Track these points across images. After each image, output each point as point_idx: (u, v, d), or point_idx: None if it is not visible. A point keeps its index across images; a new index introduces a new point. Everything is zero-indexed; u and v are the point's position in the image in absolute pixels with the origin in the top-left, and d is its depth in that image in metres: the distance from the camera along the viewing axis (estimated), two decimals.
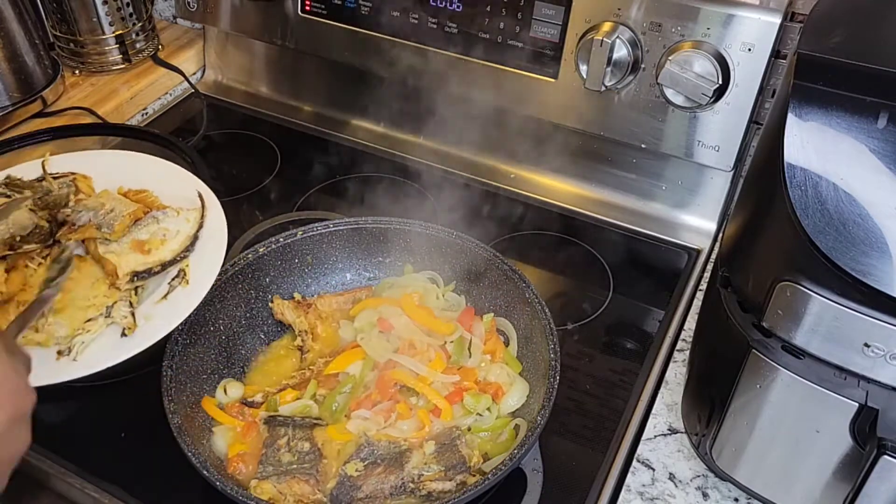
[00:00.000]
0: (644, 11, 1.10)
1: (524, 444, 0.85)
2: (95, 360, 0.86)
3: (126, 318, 0.89)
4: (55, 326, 0.88)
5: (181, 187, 1.06)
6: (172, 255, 0.95)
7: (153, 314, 0.91)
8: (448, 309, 1.07)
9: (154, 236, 0.97)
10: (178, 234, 0.97)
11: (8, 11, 1.35)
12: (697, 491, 0.89)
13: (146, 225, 0.97)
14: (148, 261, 0.94)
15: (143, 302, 0.93)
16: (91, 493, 0.89)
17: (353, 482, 0.87)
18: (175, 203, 1.02)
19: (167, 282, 0.94)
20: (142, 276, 0.93)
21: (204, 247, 0.97)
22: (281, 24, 1.41)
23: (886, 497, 0.68)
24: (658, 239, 1.26)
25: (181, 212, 1.00)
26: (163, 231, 0.97)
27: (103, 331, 0.89)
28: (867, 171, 0.62)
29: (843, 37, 0.68)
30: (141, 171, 1.09)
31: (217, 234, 0.99)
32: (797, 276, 0.65)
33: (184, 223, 0.99)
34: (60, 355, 0.86)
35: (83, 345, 0.87)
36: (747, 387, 0.75)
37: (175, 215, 0.99)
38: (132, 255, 0.94)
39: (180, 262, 0.96)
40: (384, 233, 1.10)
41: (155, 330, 0.89)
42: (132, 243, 0.95)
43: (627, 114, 1.19)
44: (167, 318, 0.90)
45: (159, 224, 0.98)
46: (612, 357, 1.07)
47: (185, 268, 0.95)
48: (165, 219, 0.98)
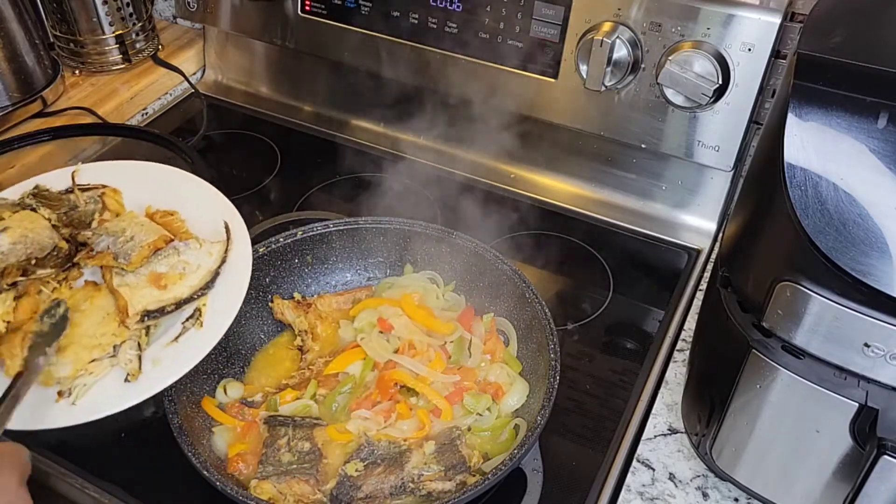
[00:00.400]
0: (644, 11, 1.10)
1: (524, 444, 0.85)
2: (95, 407, 0.81)
3: (131, 363, 0.84)
4: (58, 366, 0.82)
5: (211, 211, 0.98)
6: (190, 291, 0.88)
7: (162, 358, 0.85)
8: (448, 309, 1.07)
9: (173, 269, 0.90)
10: (199, 268, 0.90)
11: (8, 11, 1.35)
12: (697, 491, 0.89)
13: (166, 256, 0.90)
14: (163, 298, 0.87)
15: (154, 343, 0.87)
16: (91, 493, 0.89)
17: (353, 482, 0.87)
18: (202, 229, 0.95)
19: (181, 321, 0.87)
20: (153, 316, 0.86)
21: (224, 284, 0.90)
22: (281, 24, 1.41)
23: (886, 497, 0.68)
24: (658, 239, 1.26)
25: (204, 244, 0.92)
26: (183, 264, 0.90)
27: (107, 373, 0.84)
28: (867, 171, 0.62)
29: (843, 37, 0.68)
30: (172, 188, 1.02)
31: (240, 272, 0.91)
32: (797, 276, 0.65)
33: (206, 257, 0.91)
34: (60, 396, 0.81)
35: (84, 387, 0.82)
36: (747, 387, 0.75)
37: (198, 247, 0.91)
38: (147, 289, 0.88)
39: (197, 300, 0.88)
40: (384, 233, 1.10)
41: (161, 377, 0.83)
42: (149, 276, 0.89)
43: (627, 114, 1.19)
44: (176, 364, 0.84)
45: (180, 256, 0.90)
46: (612, 357, 1.07)
47: (201, 307, 0.88)
48: (187, 251, 0.91)
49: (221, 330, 0.86)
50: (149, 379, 0.83)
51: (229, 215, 0.97)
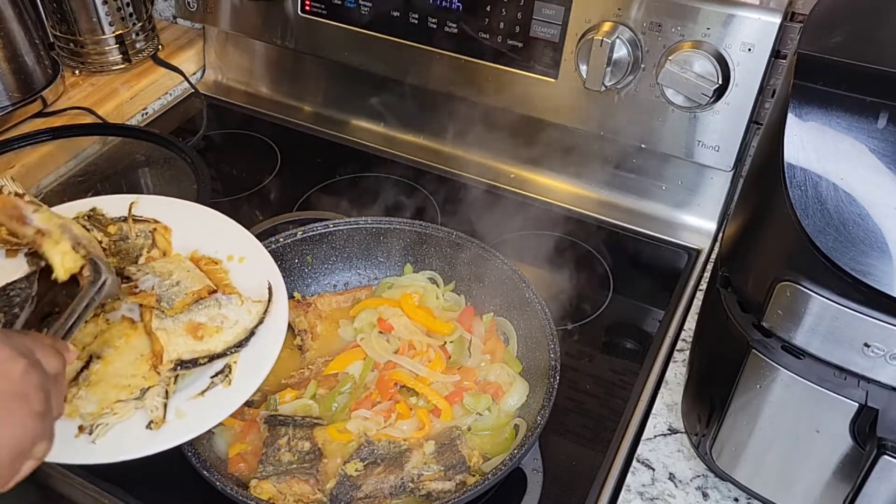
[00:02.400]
0: (644, 11, 1.10)
1: (524, 444, 0.85)
2: (114, 450, 0.80)
3: (156, 411, 0.82)
4: (84, 402, 0.81)
5: (255, 268, 0.97)
6: (224, 346, 0.87)
7: (186, 411, 0.83)
8: (448, 309, 1.07)
9: (211, 321, 0.89)
10: (236, 324, 0.89)
11: (8, 11, 1.35)
12: (697, 491, 0.89)
13: (207, 307, 0.89)
14: (197, 349, 0.86)
15: (179, 392, 0.85)
16: (91, 493, 0.89)
17: (352, 482, 0.87)
18: (242, 283, 0.94)
19: (209, 375, 0.86)
20: (186, 366, 0.85)
21: (257, 345, 0.89)
22: (281, 24, 1.41)
23: (886, 497, 0.68)
24: (658, 239, 1.26)
25: (245, 301, 0.91)
26: (222, 318, 0.89)
27: (131, 416, 0.82)
28: (867, 171, 0.62)
29: (843, 37, 0.68)
30: (223, 237, 1.00)
31: (274, 335, 0.90)
32: (797, 276, 0.65)
33: (245, 314, 0.90)
34: (81, 431, 0.80)
35: (106, 427, 0.80)
36: (747, 387, 0.75)
37: (239, 303, 0.90)
38: (183, 337, 0.87)
39: (229, 356, 0.87)
40: (384, 233, 1.10)
41: (182, 430, 0.81)
42: (187, 325, 0.88)
43: (627, 114, 1.19)
44: (199, 419, 0.82)
45: (220, 309, 0.90)
46: (612, 357, 1.07)
47: (231, 364, 0.87)
48: (228, 305, 0.90)
49: (249, 391, 0.85)
50: (171, 429, 0.81)
51: (273, 275, 0.96)
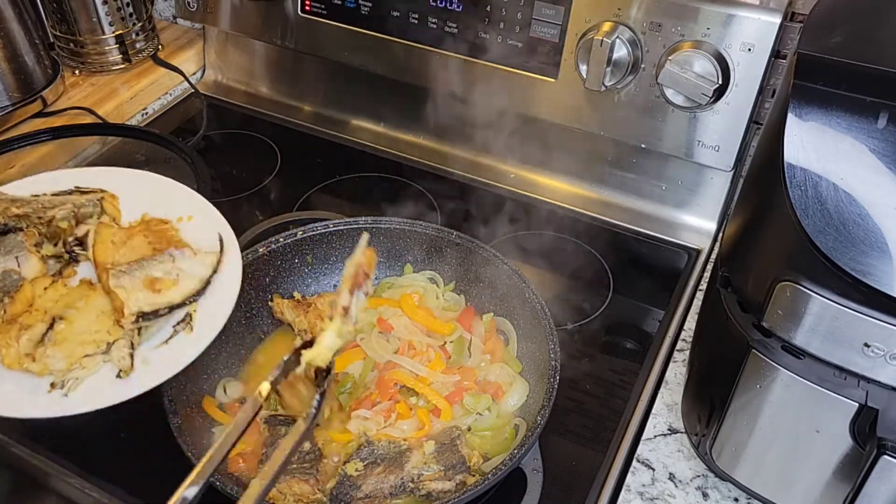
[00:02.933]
0: (644, 11, 1.10)
1: (524, 444, 0.85)
2: (86, 400, 0.83)
3: (124, 360, 0.86)
4: (53, 359, 0.84)
5: (204, 222, 1.01)
6: (182, 297, 0.91)
7: (152, 358, 0.87)
8: (448, 309, 1.07)
9: (167, 275, 0.92)
10: (192, 276, 0.93)
11: (8, 11, 1.35)
12: (697, 491, 0.89)
13: (161, 262, 0.93)
14: (157, 301, 0.90)
15: (145, 343, 0.90)
16: (91, 493, 0.89)
17: (352, 482, 0.87)
18: (194, 238, 0.98)
19: (171, 325, 0.90)
20: (147, 318, 0.89)
21: (214, 293, 0.93)
22: (281, 24, 1.41)
23: (886, 497, 0.68)
24: (658, 239, 1.26)
25: (199, 253, 0.95)
26: (177, 270, 0.93)
27: (99, 368, 0.86)
28: (867, 171, 0.62)
29: (843, 37, 0.68)
30: (168, 198, 1.05)
31: (230, 282, 0.95)
32: (797, 276, 0.65)
33: (199, 266, 0.94)
34: (53, 387, 0.84)
35: (77, 381, 0.84)
36: (747, 387, 0.75)
37: (192, 256, 0.95)
38: (142, 292, 0.90)
39: (188, 305, 0.92)
40: (384, 233, 1.10)
41: (151, 376, 0.85)
42: (144, 280, 0.91)
43: (627, 114, 1.19)
44: (165, 365, 0.87)
45: (174, 263, 0.94)
46: (612, 357, 1.07)
47: (192, 312, 0.91)
48: (182, 259, 0.94)
49: (211, 335, 0.89)
50: (139, 377, 0.85)
51: (222, 228, 1.00)
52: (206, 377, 0.97)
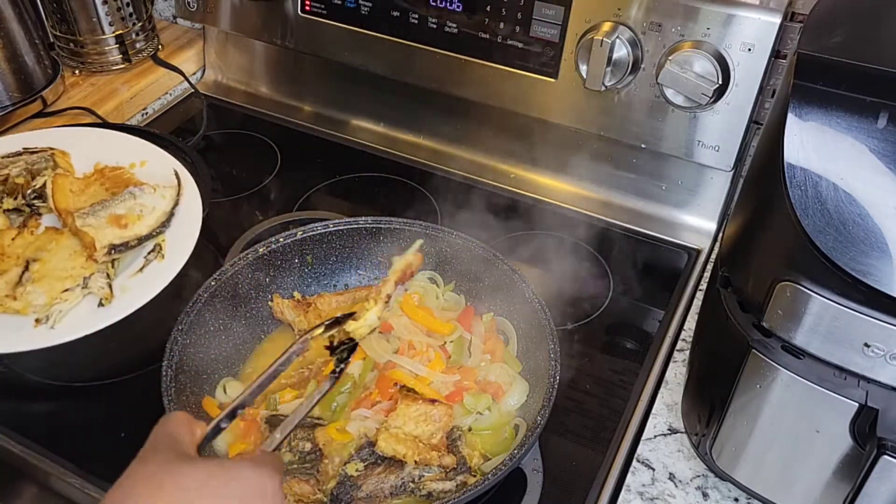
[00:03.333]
0: (644, 11, 1.10)
1: (524, 444, 0.85)
2: (72, 329, 0.89)
3: (103, 290, 0.92)
4: (33, 295, 0.90)
5: (158, 166, 1.10)
6: (149, 230, 0.99)
7: (129, 286, 0.94)
8: (448, 309, 1.07)
9: (131, 211, 1.00)
10: (155, 210, 1.01)
11: (8, 11, 1.35)
12: (697, 491, 0.89)
13: (123, 200, 1.01)
14: (125, 234, 0.97)
15: (120, 275, 0.97)
16: (91, 493, 0.89)
17: (353, 482, 0.87)
18: (151, 179, 1.06)
19: (143, 256, 0.98)
20: (119, 249, 0.96)
21: (180, 223, 1.01)
22: (281, 24, 1.41)
23: (886, 497, 0.68)
24: (658, 239, 1.26)
25: (157, 188, 1.03)
26: (139, 206, 1.01)
27: (80, 301, 0.92)
28: (867, 170, 0.62)
29: (843, 37, 0.68)
30: (119, 149, 1.13)
31: (192, 211, 1.03)
32: (797, 275, 0.65)
33: (160, 200, 1.02)
34: (38, 323, 0.89)
35: (61, 314, 0.89)
36: (747, 387, 0.75)
37: (152, 192, 1.02)
38: (109, 229, 0.97)
39: (156, 237, 0.99)
40: (384, 233, 1.10)
41: (131, 301, 0.92)
42: (109, 218, 0.99)
43: (627, 114, 1.19)
44: (143, 290, 0.94)
45: (136, 200, 1.01)
46: (612, 357, 1.07)
47: (160, 243, 0.99)
48: (142, 195, 1.02)
49: (181, 260, 0.97)
50: (120, 303, 0.92)
51: (176, 165, 1.10)
52: (206, 377, 0.97)
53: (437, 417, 0.90)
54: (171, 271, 0.96)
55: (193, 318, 0.95)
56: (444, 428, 0.90)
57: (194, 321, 0.95)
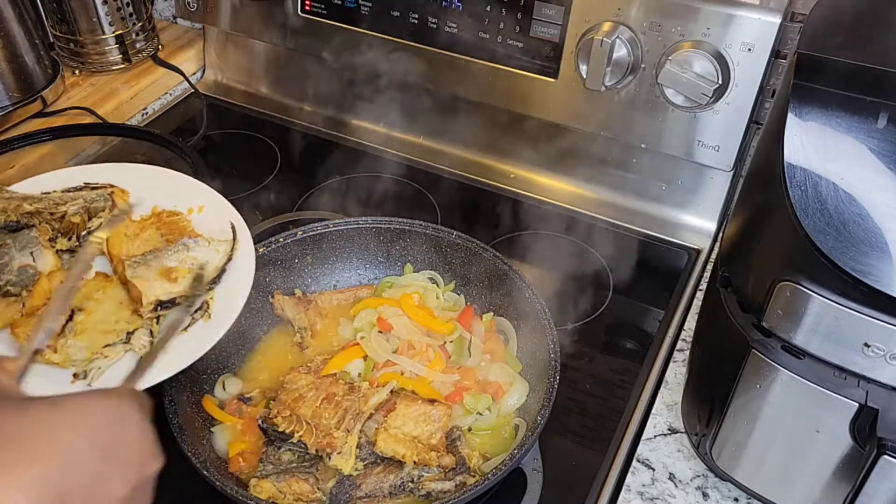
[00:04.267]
0: (644, 11, 1.10)
1: (524, 445, 0.85)
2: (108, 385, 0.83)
3: (145, 348, 0.87)
4: (74, 349, 0.85)
5: (216, 214, 1.02)
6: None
7: (171, 347, 0.87)
8: (448, 309, 1.07)
9: (182, 264, 0.93)
10: (207, 264, 0.94)
11: (8, 11, 1.35)
12: (697, 491, 0.89)
13: (176, 252, 0.94)
14: (173, 290, 0.91)
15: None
16: None
17: (352, 481, 0.87)
18: (207, 229, 0.99)
19: (189, 314, 0.91)
20: (166, 306, 0.90)
21: (230, 281, 0.94)
22: (281, 24, 1.41)
23: (886, 497, 0.68)
24: (658, 239, 1.26)
25: (212, 242, 0.96)
26: (192, 260, 0.94)
27: (121, 357, 0.87)
28: (867, 170, 0.62)
29: (843, 37, 0.68)
30: (178, 190, 1.06)
31: (245, 270, 0.96)
32: (797, 276, 0.65)
33: (213, 254, 0.96)
34: (76, 378, 0.84)
35: (99, 371, 0.85)
36: (747, 387, 0.75)
37: (206, 245, 0.96)
38: (158, 282, 0.91)
39: (206, 294, 0.93)
40: (384, 233, 1.10)
41: (171, 363, 0.86)
42: (160, 270, 0.92)
43: (627, 114, 1.19)
44: (186, 352, 0.87)
45: (189, 252, 0.95)
46: (612, 357, 1.07)
47: (209, 300, 0.92)
48: (196, 248, 0.95)
49: (228, 322, 0.90)
50: (161, 364, 0.85)
51: (233, 217, 1.01)
52: (206, 377, 0.97)
53: (436, 417, 0.90)
54: (216, 332, 0.89)
55: None
56: (443, 428, 0.90)
57: None
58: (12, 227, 0.95)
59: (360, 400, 0.91)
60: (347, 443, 0.87)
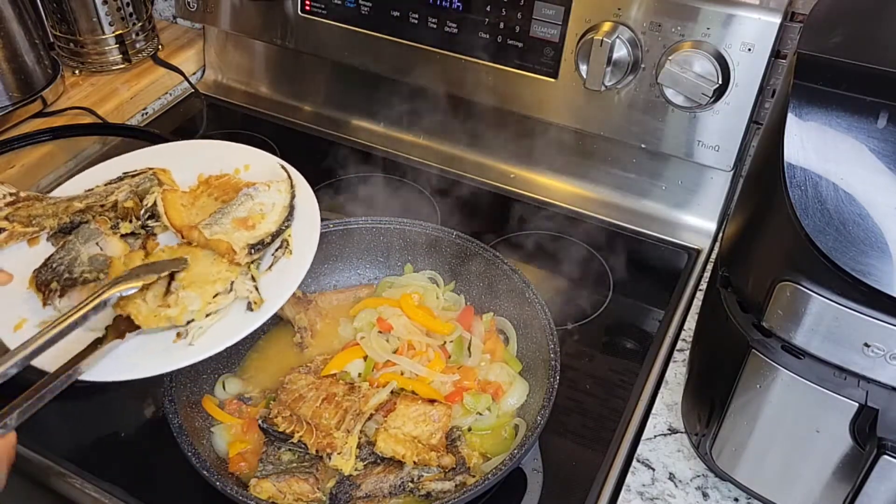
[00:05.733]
0: (644, 11, 1.10)
1: (524, 445, 0.85)
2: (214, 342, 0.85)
3: (252, 293, 0.88)
4: (187, 300, 0.86)
5: (261, 166, 1.04)
6: (276, 225, 0.95)
7: (263, 286, 0.90)
8: (448, 309, 1.07)
9: (253, 212, 0.96)
10: (275, 206, 0.97)
11: (8, 11, 1.35)
12: (697, 491, 0.89)
13: (241, 203, 0.96)
14: (256, 234, 0.93)
15: None
16: (91, 493, 0.89)
17: (352, 481, 0.87)
18: (259, 179, 1.01)
19: (271, 253, 0.93)
20: (257, 249, 0.92)
21: (299, 216, 0.97)
22: (281, 23, 1.41)
23: (886, 497, 0.68)
24: (658, 239, 1.26)
25: (272, 184, 0.99)
26: (259, 206, 0.96)
27: (229, 307, 0.88)
28: (867, 170, 0.62)
29: (842, 37, 0.68)
30: (216, 157, 1.07)
31: (309, 202, 0.98)
32: (797, 275, 0.65)
33: (277, 195, 0.98)
34: (179, 337, 0.85)
35: (200, 329, 0.86)
36: (747, 387, 0.75)
37: (266, 189, 0.98)
38: (238, 232, 0.93)
39: (284, 231, 0.95)
40: (384, 233, 1.10)
41: (271, 302, 0.88)
42: (234, 222, 0.94)
43: (627, 114, 1.19)
44: (280, 289, 0.90)
45: (254, 200, 0.97)
46: (612, 357, 1.07)
47: (287, 238, 0.95)
48: (258, 194, 0.98)
49: (310, 254, 0.93)
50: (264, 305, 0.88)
51: (279, 161, 1.03)
52: (205, 377, 0.97)
53: (436, 417, 0.90)
54: (302, 266, 0.92)
55: None
56: (443, 428, 0.90)
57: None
58: (67, 227, 0.95)
59: (360, 400, 0.91)
60: (347, 443, 0.87)
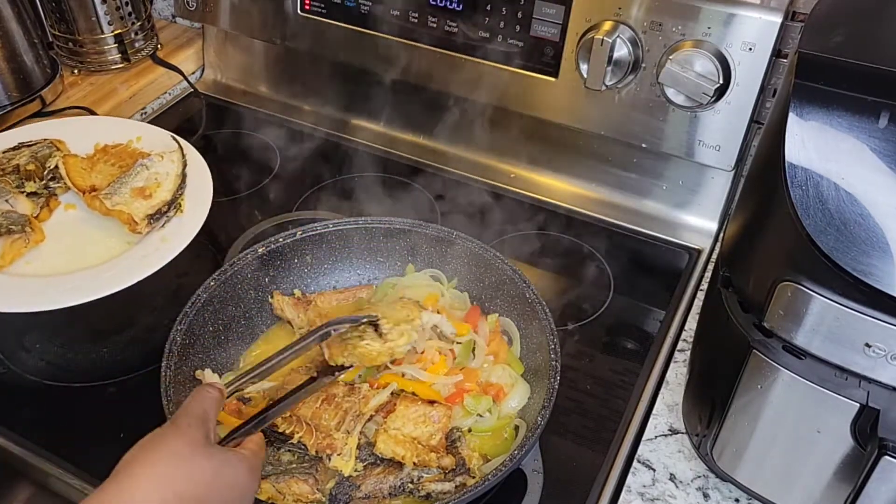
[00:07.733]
0: (645, 10, 1.10)
1: (524, 445, 0.84)
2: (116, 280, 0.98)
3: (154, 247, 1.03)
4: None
5: (154, 138, 1.17)
6: (171, 194, 1.07)
7: (167, 236, 1.04)
8: (454, 307, 1.06)
9: (149, 181, 1.07)
10: (169, 174, 1.09)
11: (7, 11, 1.35)
12: (698, 491, 0.89)
13: (138, 173, 1.08)
14: (153, 204, 1.04)
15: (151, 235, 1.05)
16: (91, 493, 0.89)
17: (352, 482, 0.87)
18: (152, 150, 1.13)
19: (166, 214, 1.06)
20: (155, 218, 1.04)
21: (192, 182, 1.10)
22: (280, 23, 1.41)
23: (887, 498, 0.68)
24: (659, 239, 1.25)
25: (165, 155, 1.10)
26: (154, 175, 1.08)
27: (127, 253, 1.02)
28: (868, 170, 0.62)
29: (844, 36, 0.68)
30: (108, 131, 1.19)
31: (200, 167, 1.12)
32: (798, 276, 0.65)
33: (170, 164, 1.10)
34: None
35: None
36: (748, 387, 0.75)
37: (160, 159, 1.10)
38: (137, 202, 1.04)
39: (179, 198, 1.07)
40: (384, 233, 1.09)
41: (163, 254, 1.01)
42: (133, 192, 1.05)
43: (628, 113, 1.19)
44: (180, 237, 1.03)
45: (149, 170, 1.08)
46: (612, 357, 1.07)
47: (181, 201, 1.08)
48: (153, 164, 1.09)
49: (203, 213, 1.06)
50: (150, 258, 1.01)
51: (169, 133, 1.17)
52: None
53: (436, 418, 0.90)
54: (195, 222, 1.04)
55: (192, 318, 0.95)
56: (442, 429, 0.89)
57: (193, 321, 0.95)
58: None
59: (360, 401, 0.90)
60: (347, 444, 0.87)
